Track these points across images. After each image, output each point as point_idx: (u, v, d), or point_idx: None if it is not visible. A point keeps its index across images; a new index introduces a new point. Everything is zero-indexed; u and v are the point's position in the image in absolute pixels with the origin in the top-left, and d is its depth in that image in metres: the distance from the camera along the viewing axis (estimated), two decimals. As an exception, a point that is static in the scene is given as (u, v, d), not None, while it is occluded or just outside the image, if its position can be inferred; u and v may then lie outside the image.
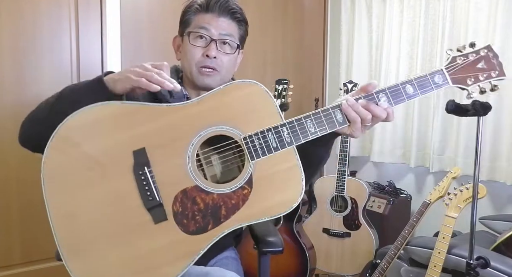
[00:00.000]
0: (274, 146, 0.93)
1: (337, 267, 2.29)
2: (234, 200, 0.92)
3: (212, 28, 1.11)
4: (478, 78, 0.96)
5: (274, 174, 0.93)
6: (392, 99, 0.96)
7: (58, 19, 2.03)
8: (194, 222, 0.91)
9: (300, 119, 0.94)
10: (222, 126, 0.94)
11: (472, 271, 1.38)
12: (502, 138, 2.10)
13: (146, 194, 0.90)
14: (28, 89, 1.97)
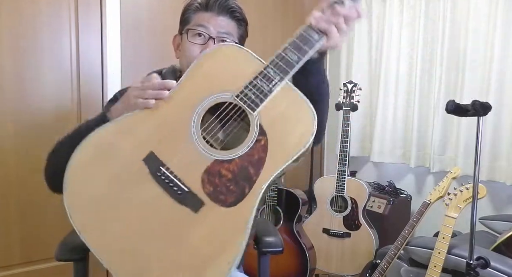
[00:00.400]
0: (267, 90, 0.92)
1: (337, 267, 2.29)
2: (256, 155, 0.91)
3: (211, 26, 1.12)
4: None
5: (281, 114, 0.92)
6: None
7: (58, 19, 2.03)
8: (230, 193, 0.90)
9: (279, 53, 0.93)
10: (212, 96, 0.93)
11: (472, 271, 1.38)
12: (502, 138, 2.10)
13: (173, 190, 0.90)
14: (28, 89, 1.97)
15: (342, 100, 2.30)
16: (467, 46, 2.20)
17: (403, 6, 2.50)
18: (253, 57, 0.95)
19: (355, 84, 2.30)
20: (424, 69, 2.43)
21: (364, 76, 2.75)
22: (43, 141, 2.01)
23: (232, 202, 0.89)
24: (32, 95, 1.98)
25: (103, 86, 2.17)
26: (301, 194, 2.19)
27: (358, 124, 2.76)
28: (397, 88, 2.55)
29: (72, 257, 1.11)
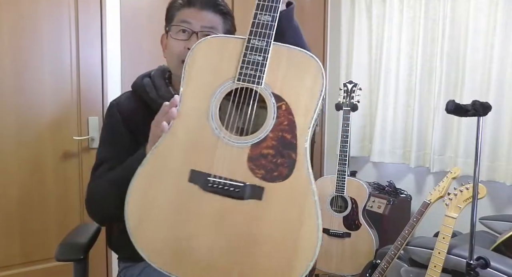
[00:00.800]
0: (260, 59, 0.92)
1: (337, 267, 2.29)
2: (285, 121, 0.91)
3: (194, 21, 1.11)
4: None
5: (286, 73, 0.92)
6: None
7: (58, 19, 2.03)
8: (282, 166, 0.89)
9: (253, 21, 0.93)
10: (216, 93, 0.93)
11: (472, 272, 1.38)
12: (502, 138, 2.10)
13: (232, 191, 0.90)
14: (28, 89, 1.97)
15: (342, 100, 2.30)
16: (467, 46, 2.20)
17: (403, 6, 2.50)
18: (232, 38, 0.95)
19: (355, 84, 2.30)
20: (424, 69, 2.43)
21: (364, 76, 2.75)
22: (43, 141, 2.01)
23: (287, 173, 0.89)
24: (32, 95, 1.98)
25: (103, 86, 2.17)
26: (301, 194, 2.19)
27: (358, 124, 2.76)
28: (397, 88, 2.55)
29: (72, 257, 1.12)
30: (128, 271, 1.19)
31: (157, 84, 1.18)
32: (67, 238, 1.19)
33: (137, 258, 0.91)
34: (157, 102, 1.11)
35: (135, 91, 1.21)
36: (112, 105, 1.21)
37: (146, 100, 1.16)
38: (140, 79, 1.22)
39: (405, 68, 2.52)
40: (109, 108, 1.21)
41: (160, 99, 1.12)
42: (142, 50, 2.24)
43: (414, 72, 2.48)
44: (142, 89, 1.18)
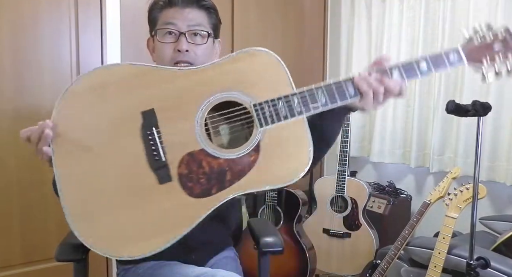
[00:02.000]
0: (284, 115, 0.91)
1: (337, 268, 2.29)
2: (240, 166, 0.91)
3: (179, 21, 1.09)
4: (494, 58, 0.92)
5: (282, 143, 0.92)
6: (405, 73, 0.92)
7: (58, 18, 2.03)
8: (199, 185, 0.91)
9: (311, 89, 0.93)
10: (233, 92, 0.93)
11: (472, 272, 1.38)
12: (502, 139, 2.10)
13: (152, 155, 0.90)
14: (28, 89, 1.97)
15: (342, 100, 2.29)
16: (467, 46, 2.20)
17: (403, 5, 2.50)
18: (288, 79, 0.94)
19: (355, 84, 2.30)
20: (424, 69, 2.43)
21: (364, 76, 2.75)
22: (43, 141, 2.01)
23: (197, 194, 0.91)
24: (32, 95, 1.98)
25: (103, 86, 2.16)
26: (301, 194, 2.19)
27: (358, 124, 2.76)
28: (397, 88, 2.55)
29: (72, 257, 1.11)
30: (128, 273, 1.19)
31: None
32: (67, 238, 1.18)
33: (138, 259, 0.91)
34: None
35: None
36: None
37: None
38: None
39: (405, 68, 2.52)
40: None
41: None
42: (142, 50, 2.22)
43: (414, 72, 2.47)
44: None
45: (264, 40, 2.74)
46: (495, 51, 0.92)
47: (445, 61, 0.92)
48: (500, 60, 0.92)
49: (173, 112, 0.92)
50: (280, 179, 0.91)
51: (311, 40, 2.99)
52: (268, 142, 0.92)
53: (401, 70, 0.92)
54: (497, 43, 0.92)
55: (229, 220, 1.24)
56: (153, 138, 0.91)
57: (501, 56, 0.92)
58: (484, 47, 0.93)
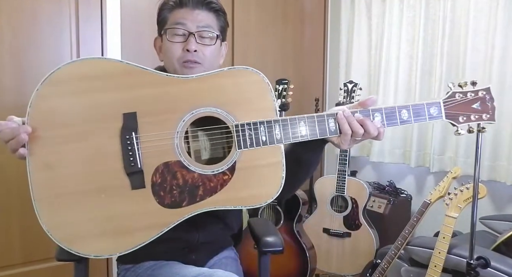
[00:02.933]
0: (263, 140, 0.94)
1: (338, 267, 2.29)
2: (213, 183, 0.93)
3: (188, 22, 1.09)
4: (470, 118, 1.01)
5: (257, 167, 0.94)
6: (386, 120, 0.98)
7: (59, 17, 2.03)
8: (170, 196, 0.92)
9: (294, 119, 0.95)
10: (217, 109, 0.94)
11: (472, 271, 1.38)
12: (502, 138, 2.10)
13: (129, 159, 0.90)
14: (28, 88, 1.97)
15: (342, 100, 2.29)
16: (467, 46, 2.20)
17: (403, 5, 2.50)
18: (273, 105, 0.95)
19: (355, 84, 2.30)
20: (424, 69, 2.43)
21: (364, 76, 2.75)
22: (43, 141, 2.01)
23: (167, 204, 0.92)
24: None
25: (103, 86, 2.17)
26: (301, 194, 2.19)
27: (358, 124, 2.76)
28: (397, 88, 2.55)
29: (72, 257, 1.11)
30: (129, 272, 1.19)
31: None
32: (67, 238, 1.19)
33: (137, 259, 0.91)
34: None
35: None
36: None
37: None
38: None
39: (405, 68, 2.52)
40: None
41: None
42: (142, 50, 2.24)
43: (414, 72, 2.48)
44: None
45: (264, 40, 2.74)
46: (472, 110, 1.00)
47: (425, 113, 0.99)
48: (475, 119, 1.00)
49: (155, 119, 0.92)
50: (249, 201, 0.94)
51: (311, 39, 2.99)
52: (244, 164, 0.94)
53: (383, 116, 0.98)
54: (476, 102, 1.00)
55: (230, 220, 1.24)
56: (132, 142, 0.91)
57: (476, 117, 1.00)
58: (464, 105, 1.00)
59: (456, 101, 1.00)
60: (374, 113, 0.97)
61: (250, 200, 0.94)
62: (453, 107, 1.00)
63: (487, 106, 1.00)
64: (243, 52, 2.64)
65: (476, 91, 1.00)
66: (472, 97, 1.00)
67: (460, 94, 1.00)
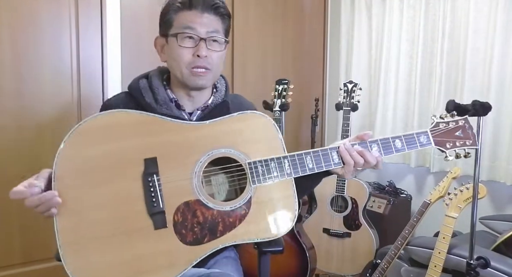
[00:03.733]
0: (275, 175, 1.01)
1: (338, 267, 2.29)
2: (232, 219, 0.99)
3: (198, 26, 1.09)
4: (456, 144, 1.12)
5: (271, 200, 1.01)
6: (383, 149, 1.07)
7: (58, 18, 2.03)
8: (192, 233, 0.97)
9: (301, 154, 1.03)
10: (231, 149, 1.01)
11: (472, 271, 1.38)
12: (502, 138, 2.10)
13: (151, 201, 0.95)
14: (28, 89, 1.97)
15: (342, 100, 2.29)
16: (467, 45, 2.20)
17: (403, 5, 2.50)
18: (281, 143, 1.05)
19: (355, 84, 2.30)
20: (424, 69, 2.43)
21: (364, 76, 2.75)
22: (43, 141, 2.01)
23: (190, 241, 0.97)
24: (32, 95, 1.98)
25: (103, 86, 2.17)
26: (301, 194, 2.18)
27: (358, 124, 2.76)
28: (397, 88, 2.55)
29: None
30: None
31: (154, 86, 1.15)
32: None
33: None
34: (151, 107, 1.11)
35: (131, 94, 1.17)
36: (105, 105, 1.17)
37: (141, 103, 1.13)
38: (136, 81, 1.18)
39: (405, 68, 2.52)
40: (103, 105, 1.17)
41: (156, 104, 1.12)
42: (142, 50, 2.24)
43: (414, 72, 2.48)
44: (137, 93, 1.15)
45: (264, 40, 2.74)
46: (456, 137, 1.12)
47: (416, 142, 1.11)
48: (459, 145, 1.11)
49: (174, 162, 0.98)
50: (267, 234, 1.01)
51: (311, 39, 2.99)
52: (259, 198, 1.01)
53: (380, 146, 1.07)
54: (458, 130, 1.12)
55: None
56: (154, 185, 0.96)
57: (460, 142, 1.11)
58: (448, 133, 1.12)
59: (440, 130, 1.12)
60: (371, 144, 1.06)
61: (268, 233, 1.01)
62: (439, 135, 1.12)
63: (468, 133, 1.12)
64: (243, 52, 2.64)
65: (456, 121, 1.13)
66: (454, 126, 1.12)
67: (443, 123, 1.13)
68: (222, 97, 1.21)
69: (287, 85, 2.22)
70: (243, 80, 2.64)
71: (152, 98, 1.14)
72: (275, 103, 2.22)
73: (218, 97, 1.21)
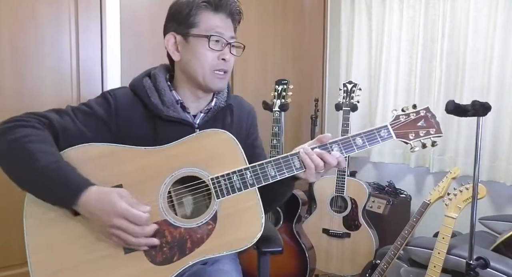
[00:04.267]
0: (238, 187, 1.03)
1: (337, 268, 2.29)
2: (199, 234, 1.01)
3: (224, 30, 1.11)
4: (419, 134, 1.11)
5: (237, 212, 1.03)
6: (344, 149, 1.08)
7: (58, 19, 2.03)
8: (162, 253, 0.99)
9: (262, 164, 1.04)
10: (193, 168, 1.03)
11: (472, 272, 1.38)
12: (502, 138, 2.10)
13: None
14: (28, 89, 1.97)
15: (342, 100, 2.29)
16: (467, 46, 2.20)
17: (403, 5, 2.50)
18: (241, 155, 1.06)
19: (355, 84, 2.30)
20: (424, 69, 2.43)
21: (364, 76, 2.75)
22: (43, 141, 2.01)
23: (160, 261, 0.99)
24: (32, 95, 1.98)
25: (103, 86, 2.17)
26: (301, 194, 2.19)
27: (358, 124, 2.76)
28: (397, 88, 2.55)
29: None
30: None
31: (159, 87, 1.14)
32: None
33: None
34: (158, 109, 1.10)
35: (134, 92, 1.14)
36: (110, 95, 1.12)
37: (147, 104, 1.12)
38: (140, 80, 1.16)
39: (405, 68, 2.52)
40: (106, 96, 1.12)
41: (163, 106, 1.11)
42: (142, 50, 2.24)
43: (414, 72, 2.48)
44: (142, 92, 1.13)
45: (264, 40, 2.74)
46: (418, 127, 1.11)
47: (377, 137, 1.09)
48: (423, 134, 1.11)
49: (139, 187, 1.00)
50: (235, 245, 1.02)
51: (311, 39, 2.99)
52: (225, 212, 1.02)
53: (340, 146, 1.08)
54: (420, 121, 1.12)
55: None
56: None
57: (424, 132, 1.11)
58: (409, 124, 1.11)
59: (401, 122, 1.11)
60: (332, 145, 1.07)
61: (237, 244, 1.01)
62: (400, 127, 1.11)
63: (431, 122, 1.12)
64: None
65: (417, 111, 1.13)
66: (414, 117, 1.12)
67: (403, 116, 1.12)
68: (224, 100, 1.21)
69: (287, 85, 2.22)
70: (243, 80, 2.64)
71: (158, 99, 1.12)
72: (274, 103, 2.21)
73: (220, 99, 1.21)
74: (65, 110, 1.09)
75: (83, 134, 1.04)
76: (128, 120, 1.10)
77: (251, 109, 1.31)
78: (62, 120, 1.04)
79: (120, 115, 1.10)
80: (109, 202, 0.92)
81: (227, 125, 1.21)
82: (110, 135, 1.08)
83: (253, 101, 1.33)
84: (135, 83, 1.16)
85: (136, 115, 1.12)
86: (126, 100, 1.12)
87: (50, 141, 0.99)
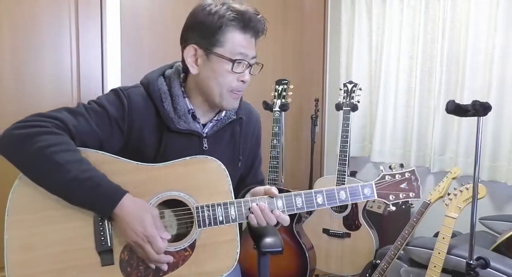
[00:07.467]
0: (220, 220, 1.03)
1: (337, 268, 2.29)
2: (176, 259, 1.02)
3: (249, 52, 1.10)
4: (399, 196, 1.16)
5: (215, 244, 1.04)
6: (327, 200, 1.10)
7: (58, 18, 2.03)
8: (137, 271, 1.00)
9: (247, 200, 1.05)
10: (180, 193, 1.03)
11: (472, 272, 1.38)
12: (502, 138, 2.10)
13: (100, 239, 0.98)
14: (28, 89, 1.96)
15: (342, 100, 2.29)
16: (467, 46, 2.20)
17: (403, 5, 2.50)
18: (229, 188, 1.06)
19: (355, 84, 2.30)
20: (424, 69, 2.43)
21: (364, 76, 2.75)
22: (43, 141, 2.01)
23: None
24: (32, 95, 1.98)
25: (103, 86, 2.17)
26: (301, 194, 2.18)
27: (358, 124, 2.76)
28: (397, 88, 2.55)
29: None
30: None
31: (174, 93, 1.11)
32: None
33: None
34: (170, 117, 1.09)
35: (149, 94, 1.11)
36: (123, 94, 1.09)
37: (159, 109, 1.09)
38: (155, 79, 1.12)
39: (405, 68, 2.52)
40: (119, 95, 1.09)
41: (174, 114, 1.09)
42: (142, 50, 2.24)
43: (414, 72, 2.48)
44: (157, 97, 1.10)
45: (264, 40, 2.73)
46: (400, 189, 1.15)
47: (360, 194, 1.13)
48: (403, 197, 1.15)
49: None
50: (208, 275, 1.03)
51: (311, 39, 2.98)
52: (203, 241, 1.03)
53: (324, 196, 1.09)
54: (403, 183, 1.16)
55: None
56: (103, 224, 0.98)
57: (404, 195, 1.15)
58: (393, 185, 1.16)
59: (386, 182, 1.17)
60: (316, 194, 1.08)
61: (209, 274, 1.03)
62: (384, 188, 1.16)
63: (413, 186, 1.16)
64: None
65: (403, 173, 1.17)
66: (399, 178, 1.17)
67: (389, 176, 1.18)
68: (235, 111, 1.20)
69: (287, 85, 2.22)
70: (243, 80, 2.64)
71: (171, 106, 1.10)
72: (275, 103, 2.21)
73: (232, 110, 1.20)
74: (79, 110, 1.07)
75: (97, 135, 1.05)
76: (140, 124, 1.09)
77: (258, 119, 1.31)
78: (77, 123, 1.03)
79: (133, 118, 1.09)
80: (140, 220, 0.96)
81: (235, 135, 1.21)
82: (121, 135, 1.08)
83: (253, 101, 1.33)
84: (150, 82, 1.12)
85: (148, 122, 1.10)
86: (140, 103, 1.10)
87: (73, 146, 0.99)
